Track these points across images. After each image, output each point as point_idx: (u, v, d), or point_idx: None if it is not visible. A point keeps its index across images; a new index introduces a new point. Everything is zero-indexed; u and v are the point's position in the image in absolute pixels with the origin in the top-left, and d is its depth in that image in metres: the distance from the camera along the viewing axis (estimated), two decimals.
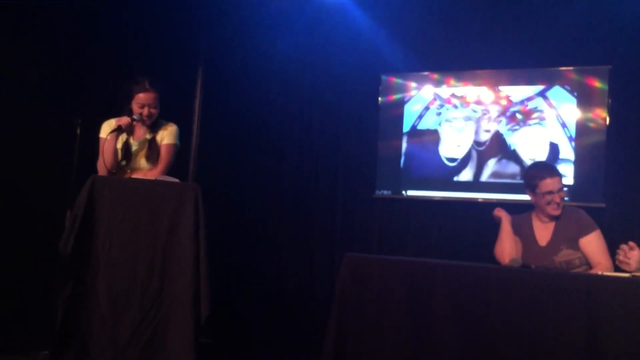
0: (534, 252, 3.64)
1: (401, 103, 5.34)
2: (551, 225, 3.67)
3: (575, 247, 3.57)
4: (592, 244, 3.57)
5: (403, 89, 5.36)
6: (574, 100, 4.81)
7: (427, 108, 5.27)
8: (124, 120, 3.71)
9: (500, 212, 3.81)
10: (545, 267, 3.48)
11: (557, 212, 3.64)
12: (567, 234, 3.60)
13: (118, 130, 3.69)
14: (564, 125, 4.82)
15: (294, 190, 5.54)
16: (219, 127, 5.63)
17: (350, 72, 5.46)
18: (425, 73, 5.31)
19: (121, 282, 3.33)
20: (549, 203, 3.63)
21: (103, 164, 3.68)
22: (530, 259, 3.57)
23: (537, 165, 4.14)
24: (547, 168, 3.81)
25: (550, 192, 3.63)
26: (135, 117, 3.74)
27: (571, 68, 4.83)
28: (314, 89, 5.58)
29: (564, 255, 3.57)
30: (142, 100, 3.73)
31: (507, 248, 3.67)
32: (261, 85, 5.66)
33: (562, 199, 3.66)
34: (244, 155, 5.67)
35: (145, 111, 3.74)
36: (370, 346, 3.09)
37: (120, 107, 3.83)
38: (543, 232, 3.68)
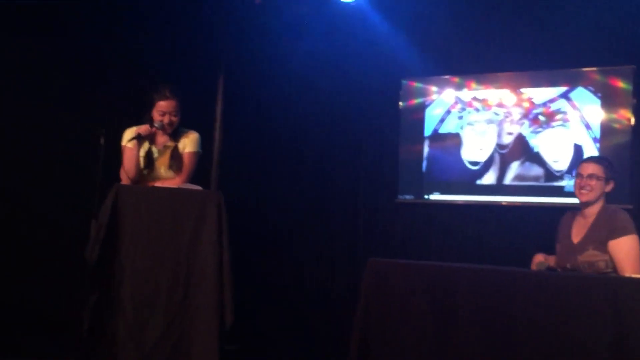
0: (565, 248, 3.56)
1: (422, 107, 5.33)
2: (588, 223, 3.55)
3: (604, 249, 3.40)
4: (620, 248, 3.36)
5: (424, 93, 5.34)
6: (598, 101, 4.76)
7: (448, 112, 5.25)
8: (144, 128, 3.73)
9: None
10: (571, 267, 3.42)
11: (584, 198, 3.50)
12: (598, 235, 3.44)
13: (137, 137, 3.71)
14: (588, 127, 4.78)
15: (316, 196, 5.54)
16: (240, 134, 5.65)
17: (370, 77, 5.46)
18: (446, 77, 5.29)
19: (146, 289, 3.34)
20: (578, 187, 3.53)
21: (125, 172, 3.71)
22: (561, 255, 3.52)
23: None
24: (591, 156, 3.91)
25: (580, 175, 3.55)
26: (156, 124, 3.75)
27: (594, 69, 4.79)
28: (335, 95, 5.59)
29: (588, 255, 3.41)
30: (162, 108, 3.75)
31: (536, 257, 3.63)
32: (282, 91, 5.68)
33: (592, 186, 3.50)
34: (266, 162, 5.69)
35: (166, 119, 3.75)
36: (395, 351, 3.08)
37: (142, 115, 3.85)
38: (580, 229, 3.54)
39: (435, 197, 5.22)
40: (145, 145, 3.80)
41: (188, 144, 3.84)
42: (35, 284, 4.35)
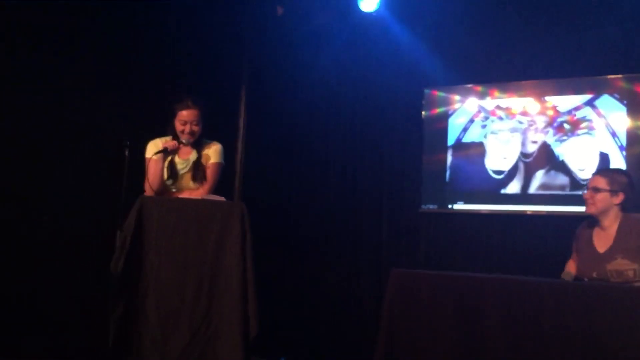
0: (590, 259, 3.53)
1: (445, 116, 5.30)
2: (612, 233, 3.53)
3: (635, 258, 3.37)
4: None
5: (447, 102, 5.32)
6: (624, 109, 4.71)
7: (471, 121, 5.22)
8: (171, 143, 3.76)
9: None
10: (597, 276, 3.38)
11: (587, 211, 3.55)
12: (627, 244, 3.42)
13: (164, 152, 3.74)
14: (614, 135, 4.72)
15: (339, 206, 5.54)
16: (263, 145, 5.66)
17: (393, 86, 5.46)
18: (469, 85, 5.27)
19: (170, 301, 3.36)
20: (585, 200, 3.57)
21: (149, 185, 3.74)
22: (585, 265, 3.49)
23: None
24: (600, 169, 4.01)
25: (586, 188, 3.57)
26: (183, 140, 3.78)
27: (620, 76, 4.73)
28: (357, 105, 5.59)
29: (617, 264, 3.40)
30: (184, 117, 3.77)
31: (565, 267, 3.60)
32: (304, 101, 5.70)
33: (594, 199, 3.51)
34: (289, 172, 5.70)
35: (187, 128, 3.78)
36: None
37: (163, 126, 3.88)
38: (603, 239, 3.53)
39: (459, 206, 5.18)
40: (169, 156, 3.82)
41: (211, 155, 3.86)
42: (62, 295, 4.38)
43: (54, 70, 4.51)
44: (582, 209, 4.53)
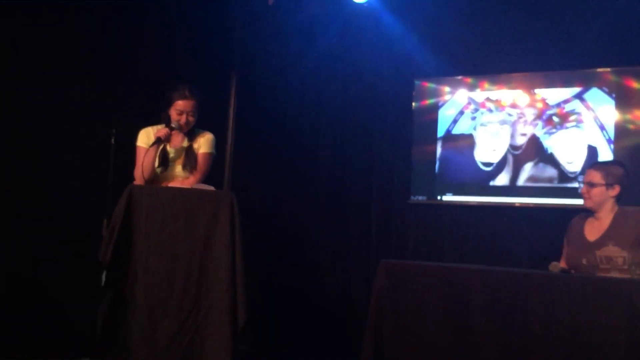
0: (580, 247, 3.55)
1: (435, 108, 5.31)
2: (606, 222, 3.56)
3: (626, 246, 3.37)
4: None
5: (437, 94, 5.33)
6: (613, 102, 4.73)
7: (461, 112, 5.23)
8: (163, 131, 3.74)
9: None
10: (587, 262, 3.41)
11: (585, 205, 3.57)
12: (621, 233, 3.43)
13: (158, 142, 3.72)
14: (602, 128, 4.75)
15: (329, 197, 5.55)
16: (253, 135, 5.66)
17: (383, 77, 5.46)
18: (459, 77, 5.28)
19: (159, 290, 3.35)
20: (582, 194, 3.60)
21: (141, 173, 3.71)
22: (573, 254, 3.52)
23: None
24: (594, 162, 4.03)
25: (582, 183, 3.60)
26: (173, 125, 3.76)
27: (609, 69, 4.75)
28: (347, 95, 5.59)
29: (608, 250, 3.42)
30: (181, 107, 3.75)
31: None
32: (294, 92, 5.69)
33: (590, 194, 3.54)
34: (278, 162, 5.70)
35: (183, 118, 3.76)
36: (408, 352, 3.07)
37: (158, 114, 3.86)
38: (595, 228, 3.55)
39: (448, 198, 5.20)
40: (161, 145, 3.81)
41: (203, 144, 3.85)
42: (48, 284, 4.37)
43: (41, 58, 4.48)
44: (570, 201, 4.60)
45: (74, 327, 4.19)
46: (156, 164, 3.76)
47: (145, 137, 3.80)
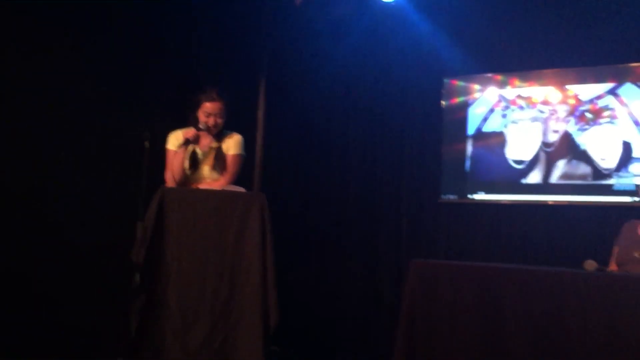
0: (632, 242, 3.50)
1: (465, 106, 5.27)
2: None
3: None
4: None
5: (466, 92, 5.29)
6: None
7: (491, 110, 5.18)
8: (191, 132, 3.77)
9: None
10: (639, 255, 3.35)
11: None
12: None
13: (186, 143, 3.75)
14: (637, 123, 4.66)
15: (359, 197, 5.53)
16: (282, 136, 5.67)
17: (412, 76, 5.43)
18: (489, 75, 5.23)
19: (191, 291, 3.38)
20: None
21: (171, 176, 3.76)
22: (626, 249, 3.46)
23: None
24: None
25: None
26: (201, 126, 3.79)
27: None
28: (377, 95, 5.57)
29: None
30: (209, 109, 3.78)
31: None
32: (323, 92, 5.69)
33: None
34: (308, 163, 5.71)
35: (211, 120, 3.79)
36: (441, 353, 3.05)
37: (186, 116, 3.90)
38: None
39: (480, 196, 5.16)
40: (190, 147, 3.84)
41: (232, 145, 3.88)
42: (84, 286, 4.43)
43: (73, 59, 4.54)
44: (604, 198, 4.52)
45: (108, 328, 4.23)
46: (186, 165, 3.79)
47: (175, 139, 3.84)
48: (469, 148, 5.23)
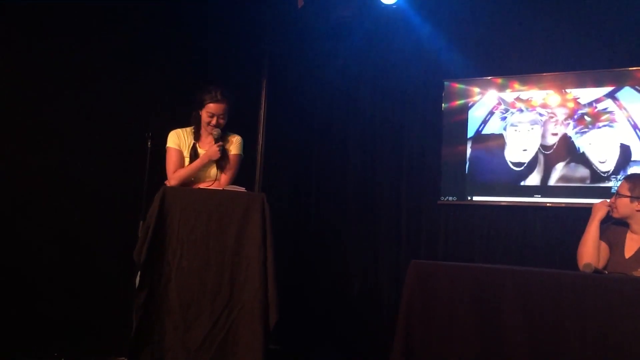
0: (618, 262, 3.50)
1: (465, 108, 5.30)
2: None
3: None
4: None
5: (466, 95, 5.31)
6: None
7: (491, 113, 5.21)
8: (214, 152, 3.82)
9: (599, 208, 3.58)
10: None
11: (612, 214, 3.54)
12: None
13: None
14: (635, 127, 4.69)
15: (359, 198, 5.56)
16: (283, 137, 5.70)
17: (413, 78, 5.45)
18: (489, 78, 5.25)
19: (192, 289, 3.41)
20: None
21: (172, 174, 3.80)
22: (613, 268, 3.46)
23: None
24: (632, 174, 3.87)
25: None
26: (213, 134, 3.83)
27: None
28: (377, 97, 5.60)
29: None
30: (212, 110, 3.82)
31: (586, 252, 3.52)
32: (324, 93, 5.72)
33: (615, 204, 3.50)
34: (309, 164, 5.73)
35: (214, 121, 3.82)
36: (438, 353, 3.07)
37: (188, 115, 3.93)
38: (633, 243, 3.52)
39: (479, 198, 5.18)
40: (190, 144, 3.88)
41: (232, 146, 3.92)
42: (85, 284, 4.45)
43: (76, 62, 4.56)
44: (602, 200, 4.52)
45: (109, 326, 4.25)
46: (186, 163, 3.83)
47: (176, 138, 3.88)
48: (469, 150, 5.25)
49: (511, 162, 5.11)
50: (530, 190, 5.01)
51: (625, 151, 4.70)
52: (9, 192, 4.24)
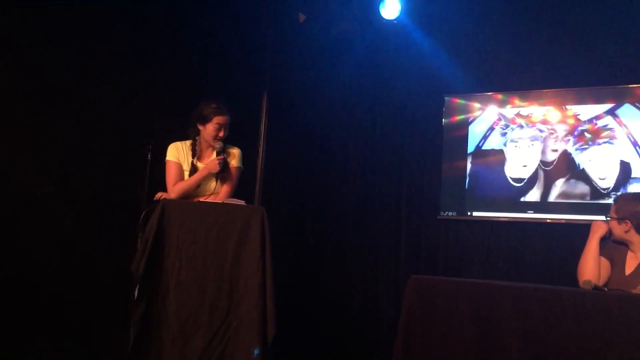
0: (619, 279, 3.49)
1: (465, 124, 5.31)
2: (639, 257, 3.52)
3: None
4: None
5: (467, 110, 5.33)
6: None
7: (491, 128, 5.22)
8: (215, 164, 3.83)
9: (599, 226, 3.54)
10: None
11: (611, 239, 3.52)
12: None
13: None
14: (635, 144, 4.70)
15: (359, 212, 5.56)
16: (284, 150, 5.70)
17: (413, 93, 5.47)
18: (489, 93, 5.27)
19: (190, 303, 3.39)
20: None
21: (172, 187, 3.81)
22: (614, 285, 3.45)
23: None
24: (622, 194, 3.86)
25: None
26: (216, 146, 3.85)
27: None
28: (377, 111, 5.61)
29: None
30: (220, 121, 3.85)
31: (586, 269, 3.49)
32: (325, 107, 5.73)
33: (609, 224, 3.49)
34: (309, 177, 5.73)
35: (222, 133, 3.86)
36: None
37: (187, 128, 3.94)
38: (632, 261, 3.50)
39: (478, 213, 5.18)
40: (189, 159, 3.89)
41: (232, 159, 3.92)
42: (82, 298, 4.44)
43: (79, 70, 4.57)
44: (601, 218, 4.53)
45: (106, 339, 4.23)
46: (185, 177, 3.84)
47: (175, 151, 3.89)
48: (469, 165, 5.26)
49: (511, 178, 5.11)
50: (530, 206, 5.01)
51: (625, 168, 4.70)
52: (8, 194, 4.23)
